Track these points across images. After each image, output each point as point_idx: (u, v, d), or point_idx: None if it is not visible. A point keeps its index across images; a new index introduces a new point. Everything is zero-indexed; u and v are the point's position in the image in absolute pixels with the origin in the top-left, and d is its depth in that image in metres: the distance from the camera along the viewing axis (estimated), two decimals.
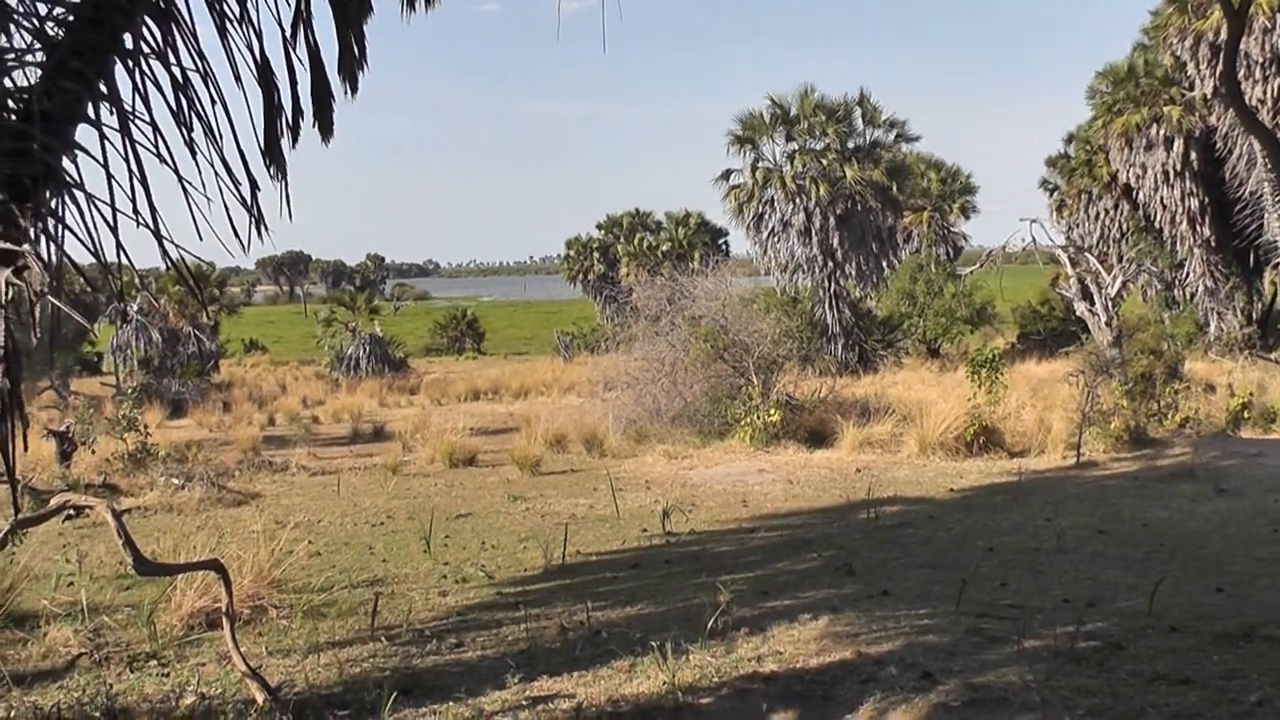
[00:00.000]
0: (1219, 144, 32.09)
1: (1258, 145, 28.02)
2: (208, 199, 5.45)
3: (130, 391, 23.81)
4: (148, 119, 5.39)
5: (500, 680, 6.35)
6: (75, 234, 5.11)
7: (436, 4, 7.45)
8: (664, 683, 6.22)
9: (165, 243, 5.36)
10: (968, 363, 19.02)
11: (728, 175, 37.20)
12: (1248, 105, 25.44)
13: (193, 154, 5.60)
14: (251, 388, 38.14)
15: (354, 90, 6.64)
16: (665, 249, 58.39)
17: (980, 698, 5.95)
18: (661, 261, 52.91)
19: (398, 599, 8.66)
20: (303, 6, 6.20)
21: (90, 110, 5.24)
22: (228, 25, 5.88)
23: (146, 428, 17.91)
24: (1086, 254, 33.94)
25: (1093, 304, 31.29)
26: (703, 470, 15.73)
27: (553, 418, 20.09)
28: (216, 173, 5.60)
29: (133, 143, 5.26)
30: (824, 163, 35.88)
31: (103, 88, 5.27)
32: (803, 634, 7.22)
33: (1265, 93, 28.99)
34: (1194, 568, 8.96)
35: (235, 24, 5.91)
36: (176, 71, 5.59)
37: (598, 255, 64.69)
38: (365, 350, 42.72)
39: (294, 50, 6.16)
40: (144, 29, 5.47)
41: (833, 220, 36.13)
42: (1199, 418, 17.02)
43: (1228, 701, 5.78)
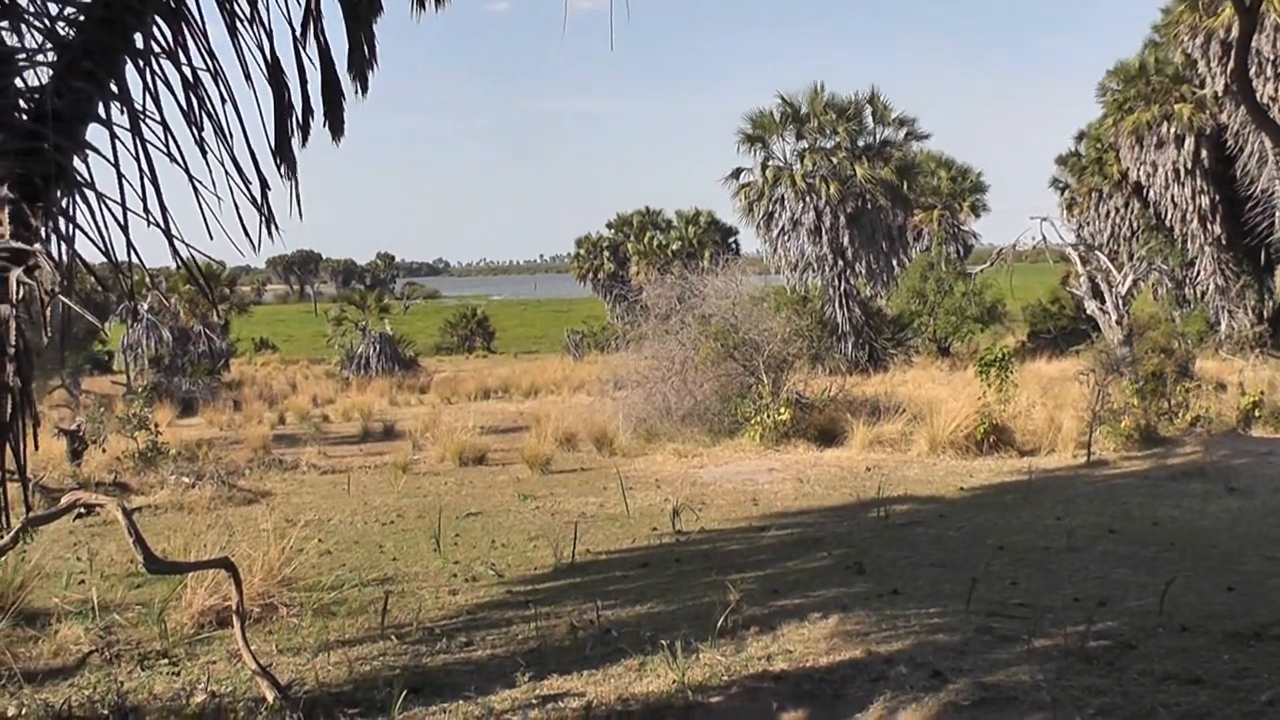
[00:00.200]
0: (1230, 142, 31.97)
1: (1269, 143, 28.02)
2: (218, 198, 5.48)
3: (141, 390, 23.87)
4: (158, 118, 5.42)
5: (510, 679, 6.35)
6: (86, 233, 5.14)
7: (446, 3, 7.46)
8: (674, 681, 6.22)
9: (176, 242, 5.39)
10: (977, 361, 18.99)
11: (738, 174, 37.16)
12: (1259, 103, 25.37)
13: (203, 153, 5.62)
14: (262, 386, 38.23)
15: (364, 89, 6.65)
16: (675, 247, 58.54)
17: (990, 697, 5.93)
18: (671, 260, 52.93)
19: (408, 597, 8.67)
20: (313, 6, 6.22)
21: (101, 110, 5.26)
22: (238, 24, 5.90)
23: (157, 426, 17.97)
24: (1097, 252, 33.87)
25: (1103, 302, 31.25)
26: (713, 469, 15.72)
27: (563, 416, 20.10)
28: (227, 172, 5.63)
29: (143, 142, 5.28)
30: (834, 161, 35.82)
31: (114, 87, 5.29)
32: (813, 633, 7.21)
33: (1277, 90, 28.80)
34: (1205, 567, 8.93)
35: (245, 23, 5.94)
36: (187, 71, 5.62)
37: (608, 254, 64.84)
38: (375, 349, 42.77)
39: (304, 49, 6.18)
40: (155, 28, 5.49)
41: (843, 219, 36.09)
42: (1210, 416, 16.95)
43: (1239, 701, 5.76)
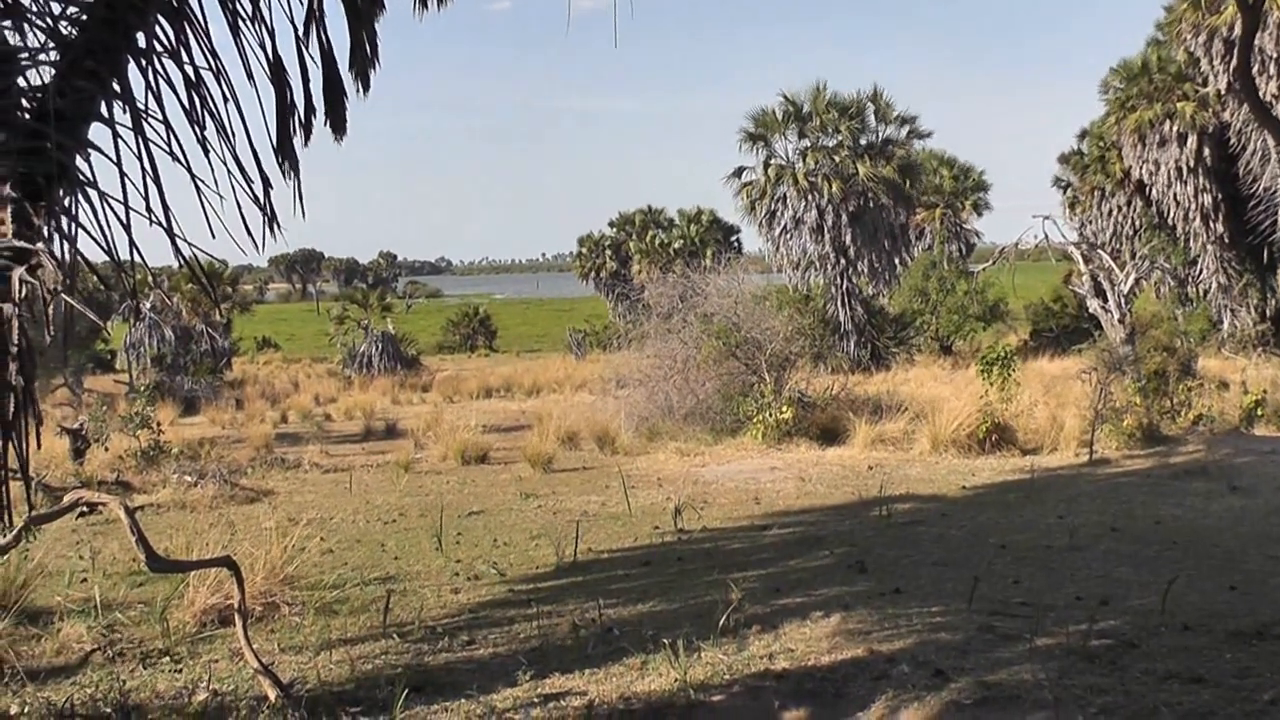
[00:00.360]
0: (1233, 140, 31.93)
1: (1272, 141, 27.95)
2: (220, 197, 5.48)
3: (143, 389, 23.86)
4: (161, 117, 5.43)
5: (512, 677, 6.36)
6: (89, 232, 5.15)
7: (449, 1, 7.46)
8: (676, 680, 6.22)
9: (178, 240, 5.39)
10: (979, 360, 18.98)
11: (740, 172, 37.13)
12: (1262, 100, 25.32)
13: (205, 152, 5.63)
14: (264, 385, 38.25)
15: (366, 88, 6.66)
16: (677, 246, 58.57)
17: (992, 696, 5.93)
18: (674, 259, 52.97)
19: (409, 596, 8.67)
20: (315, 4, 6.22)
21: (104, 109, 5.27)
22: (240, 24, 5.90)
23: (159, 425, 17.97)
24: (1099, 250, 33.89)
25: (1105, 301, 31.25)
26: (715, 467, 15.72)
27: (565, 415, 20.10)
28: (229, 171, 5.63)
29: (146, 141, 5.29)
30: (836, 160, 35.80)
31: (116, 86, 5.30)
32: (815, 631, 7.22)
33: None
34: (1207, 566, 8.92)
35: (248, 22, 5.94)
36: (189, 70, 5.63)
37: (610, 253, 64.82)
38: (378, 348, 42.76)
39: (306, 48, 6.19)
40: (157, 28, 5.50)
41: (845, 217, 36.06)
42: (1212, 415, 16.92)
43: (1241, 700, 5.76)
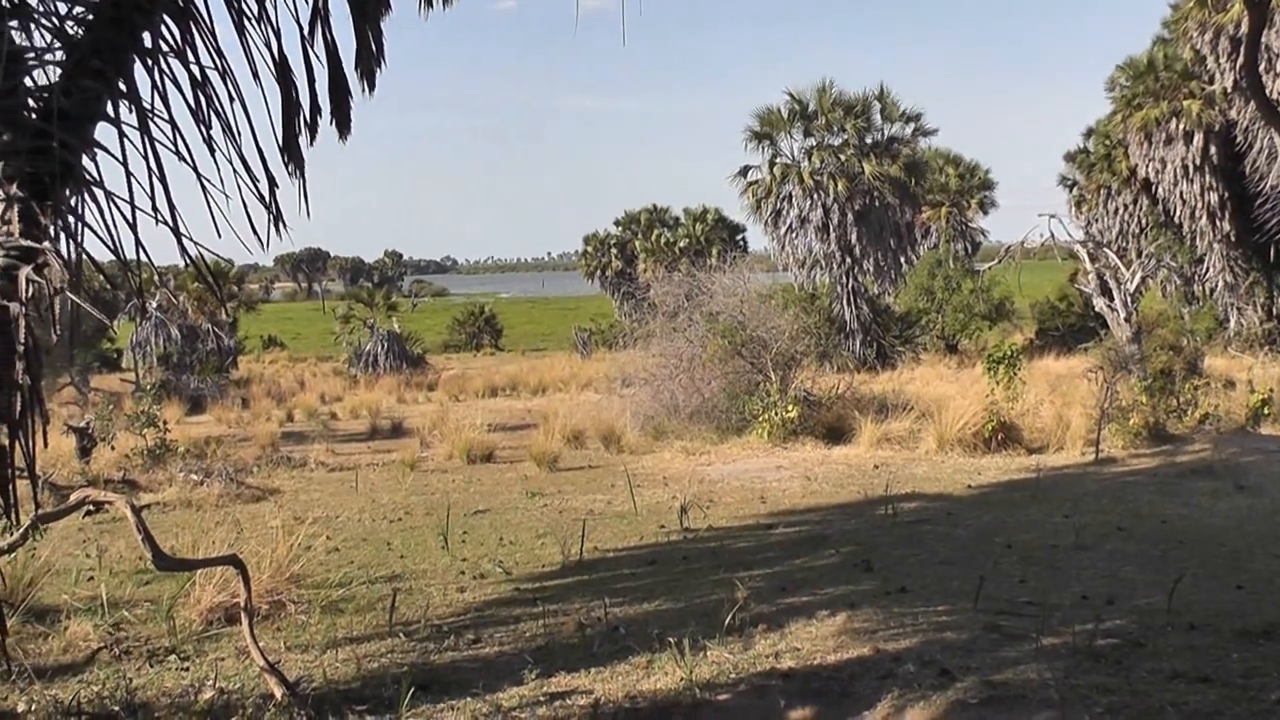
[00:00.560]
0: (1239, 138, 31.84)
1: (1278, 139, 27.87)
2: (226, 196, 5.49)
3: (149, 388, 23.92)
4: (166, 117, 5.44)
5: (518, 676, 6.37)
6: (95, 231, 5.16)
7: (454, 1, 7.46)
8: (681, 679, 6.22)
9: (184, 240, 5.41)
10: (985, 359, 18.96)
11: (745, 171, 37.03)
12: (1269, 98, 25.24)
13: (211, 152, 5.64)
14: (270, 384, 38.25)
15: (372, 88, 6.65)
16: (683, 245, 58.50)
17: (998, 695, 5.93)
18: (679, 257, 52.96)
19: (415, 595, 8.68)
20: (321, 4, 6.21)
21: (110, 108, 5.28)
22: (246, 23, 5.91)
23: (165, 424, 17.98)
24: (1105, 249, 33.77)
25: (1112, 299, 31.15)
26: (720, 466, 15.72)
27: (570, 414, 20.10)
28: (235, 170, 5.64)
29: (152, 140, 5.30)
30: (842, 158, 35.72)
31: (122, 86, 5.31)
32: (820, 630, 7.21)
33: None
34: (1213, 565, 8.91)
35: (253, 22, 5.95)
36: (195, 69, 5.63)
37: (615, 251, 64.75)
38: (383, 347, 42.73)
39: (312, 48, 6.18)
40: (163, 27, 5.51)
41: (851, 216, 35.99)
42: (1218, 414, 16.89)
43: (1248, 700, 5.75)
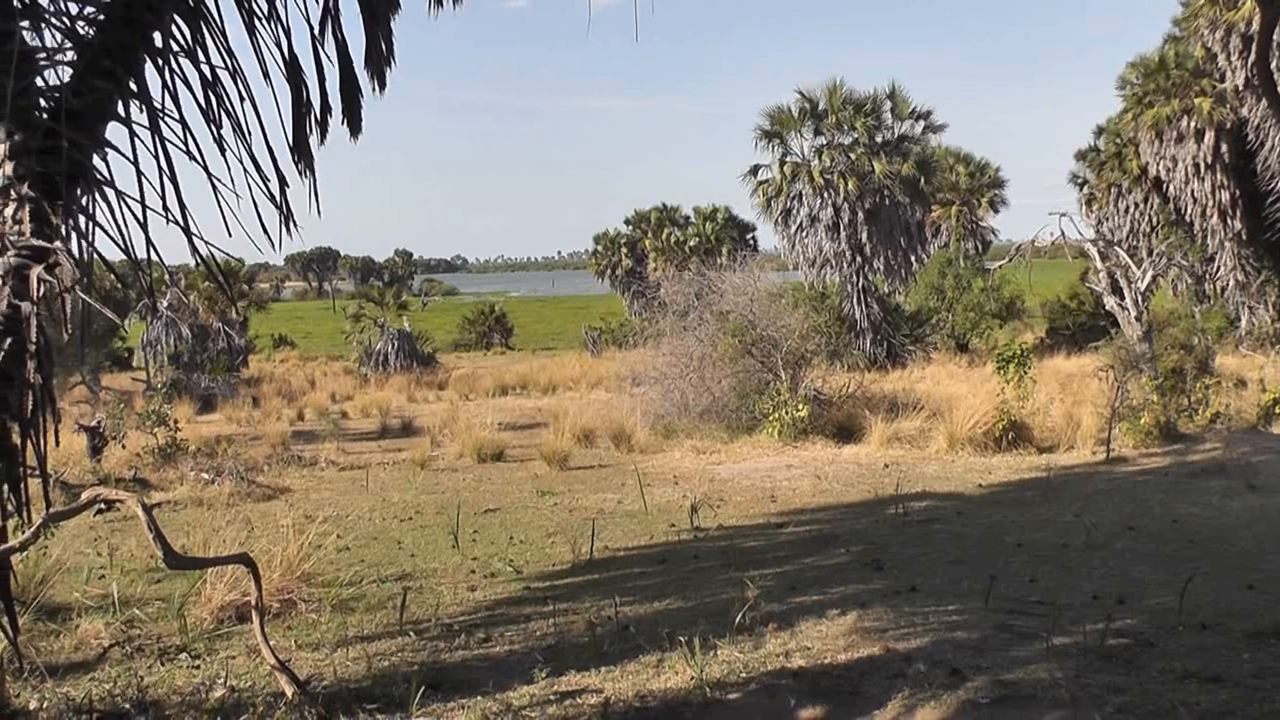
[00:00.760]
0: (1251, 136, 31.74)
1: None
2: (237, 195, 5.51)
3: (160, 387, 24.03)
4: (177, 116, 5.46)
5: (528, 675, 6.37)
6: (106, 231, 5.18)
7: (464, 0, 7.46)
8: (692, 678, 6.22)
9: (195, 239, 5.42)
10: (996, 358, 18.92)
11: (755, 170, 36.94)
12: None
13: (222, 151, 5.65)
14: (280, 383, 38.29)
15: (382, 87, 6.66)
16: (693, 244, 58.53)
17: (1009, 695, 5.92)
18: (689, 256, 53.02)
19: (426, 593, 8.69)
20: (331, 4, 6.23)
21: (120, 108, 5.29)
22: (256, 23, 5.92)
23: (176, 423, 18.05)
24: (1116, 248, 33.60)
25: (1122, 298, 31.01)
26: (730, 465, 15.71)
27: (581, 413, 20.11)
28: (245, 169, 5.66)
29: (162, 140, 5.32)
30: (852, 157, 35.63)
31: (133, 86, 5.33)
32: (831, 630, 7.21)
33: None
34: (1225, 564, 8.88)
35: (264, 22, 5.96)
36: (206, 69, 5.65)
37: (625, 250, 64.79)
38: (393, 346, 42.75)
39: (322, 47, 6.20)
40: (174, 27, 5.52)
41: (861, 215, 35.91)
42: (1230, 413, 16.85)
43: (1259, 700, 5.73)
